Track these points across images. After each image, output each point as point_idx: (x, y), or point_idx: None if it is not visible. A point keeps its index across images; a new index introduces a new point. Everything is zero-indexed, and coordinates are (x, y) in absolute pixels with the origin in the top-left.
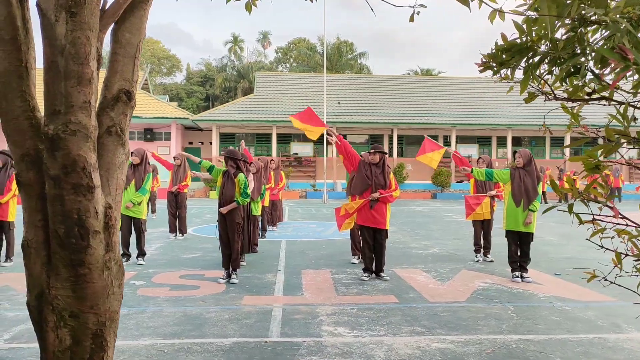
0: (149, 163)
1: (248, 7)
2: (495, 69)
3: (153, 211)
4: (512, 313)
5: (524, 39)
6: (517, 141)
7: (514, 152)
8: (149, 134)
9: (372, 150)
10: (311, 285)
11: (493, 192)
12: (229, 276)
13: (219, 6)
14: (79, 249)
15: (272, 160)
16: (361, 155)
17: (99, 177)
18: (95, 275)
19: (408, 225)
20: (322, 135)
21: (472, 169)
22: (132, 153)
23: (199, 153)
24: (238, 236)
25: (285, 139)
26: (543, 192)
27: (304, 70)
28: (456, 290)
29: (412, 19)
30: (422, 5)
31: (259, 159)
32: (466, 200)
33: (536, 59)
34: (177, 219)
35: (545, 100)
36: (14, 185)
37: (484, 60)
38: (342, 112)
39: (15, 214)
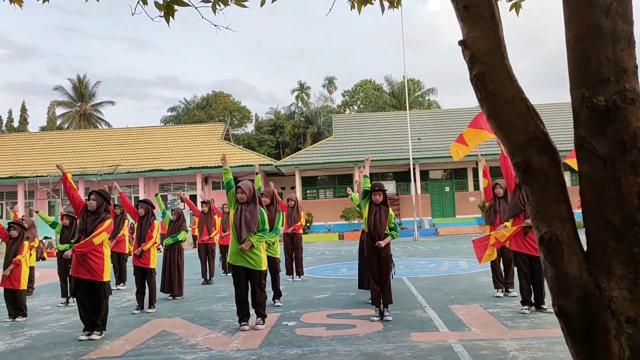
0: (278, 203)
1: None
2: None
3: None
4: None
5: None
6: None
7: None
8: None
9: None
10: (472, 320)
11: None
12: (381, 314)
13: (279, 58)
14: None
15: None
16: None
17: None
18: None
19: None
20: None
21: None
22: (262, 194)
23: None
24: (391, 271)
25: None
26: None
27: (373, 110)
28: None
29: None
30: None
31: None
32: None
33: None
34: (294, 261)
35: None
36: (155, 233)
37: None
38: (423, 148)
39: (156, 261)
